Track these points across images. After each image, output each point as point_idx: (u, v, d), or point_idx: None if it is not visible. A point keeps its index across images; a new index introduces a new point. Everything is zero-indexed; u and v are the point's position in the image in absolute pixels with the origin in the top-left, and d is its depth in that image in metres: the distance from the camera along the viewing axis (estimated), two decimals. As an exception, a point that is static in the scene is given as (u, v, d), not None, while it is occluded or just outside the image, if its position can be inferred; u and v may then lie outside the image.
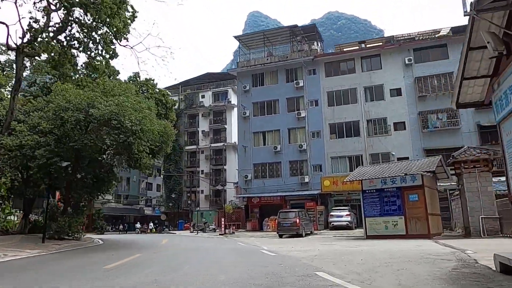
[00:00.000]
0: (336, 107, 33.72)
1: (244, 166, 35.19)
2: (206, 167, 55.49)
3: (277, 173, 34.31)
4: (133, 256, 11.53)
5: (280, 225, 23.22)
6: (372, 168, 20.09)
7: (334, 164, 32.79)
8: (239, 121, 36.69)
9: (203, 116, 56.83)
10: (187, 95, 58.74)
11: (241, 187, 34.85)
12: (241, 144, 35.72)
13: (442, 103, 30.57)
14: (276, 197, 32.99)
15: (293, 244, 15.08)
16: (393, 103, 32.05)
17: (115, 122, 14.94)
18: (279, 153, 34.24)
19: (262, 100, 36.11)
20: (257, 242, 17.85)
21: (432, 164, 17.41)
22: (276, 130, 35.05)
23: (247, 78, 36.95)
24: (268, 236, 24.57)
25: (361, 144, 32.08)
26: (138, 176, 66.01)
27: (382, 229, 17.86)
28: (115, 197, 60.68)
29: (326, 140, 33.29)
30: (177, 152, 56.55)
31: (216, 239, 23.58)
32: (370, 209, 18.37)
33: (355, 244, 14.23)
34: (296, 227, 22.62)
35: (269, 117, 35.61)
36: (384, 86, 32.64)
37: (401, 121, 31.59)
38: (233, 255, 11.08)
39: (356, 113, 32.88)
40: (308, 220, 25.07)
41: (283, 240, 19.92)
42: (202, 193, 54.81)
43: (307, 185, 32.79)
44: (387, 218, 17.77)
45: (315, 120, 33.89)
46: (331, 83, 34.20)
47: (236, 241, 19.77)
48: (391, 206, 17.85)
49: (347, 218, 26.96)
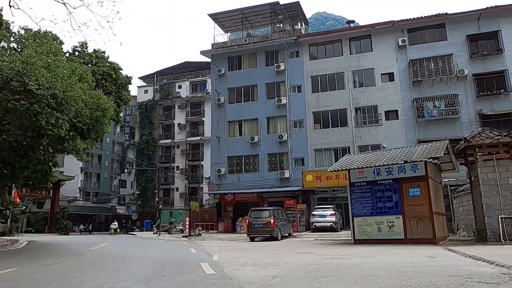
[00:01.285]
0: (321, 93, 30.02)
1: (217, 159, 31.21)
2: (182, 162, 51.32)
3: (254, 167, 30.44)
4: (8, 269, 7.55)
5: (251, 226, 19.36)
6: (363, 156, 16.34)
7: (318, 157, 29.06)
8: (213, 109, 32.68)
9: (180, 108, 52.67)
10: (162, 85, 54.46)
11: (214, 183, 30.86)
12: (214, 135, 31.72)
13: (439, 89, 27.16)
14: (253, 194, 29.12)
15: (256, 253, 11.19)
16: (384, 89, 28.50)
17: (17, 84, 10.83)
18: (256, 144, 30.37)
19: (239, 86, 32.20)
20: (215, 248, 13.92)
21: (438, 150, 13.74)
22: (254, 119, 31.17)
23: (223, 61, 32.98)
24: (239, 240, 20.67)
25: (348, 135, 28.43)
26: (110, 173, 61.48)
27: (374, 231, 14.12)
28: (83, 195, 56.02)
29: (309, 130, 29.55)
30: (151, 146, 52.32)
31: (171, 243, 19.53)
32: (360, 207, 14.63)
33: (341, 253, 10.42)
34: (270, 228, 18.79)
35: (246, 104, 31.72)
36: (374, 70, 29.07)
37: (393, 109, 28.06)
38: (144, 274, 7.10)
39: (343, 100, 29.24)
40: (285, 220, 21.27)
41: (249, 245, 16.00)
42: (177, 191, 50.64)
43: (287, 180, 28.99)
44: (381, 218, 14.05)
45: (298, 108, 30.13)
46: (315, 67, 30.49)
47: (190, 246, 15.77)
48: (386, 202, 14.13)
49: (331, 218, 23.23)
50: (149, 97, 54.60)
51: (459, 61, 27.03)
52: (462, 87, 26.71)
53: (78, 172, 54.76)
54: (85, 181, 55.98)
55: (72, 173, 51.87)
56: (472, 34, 27.24)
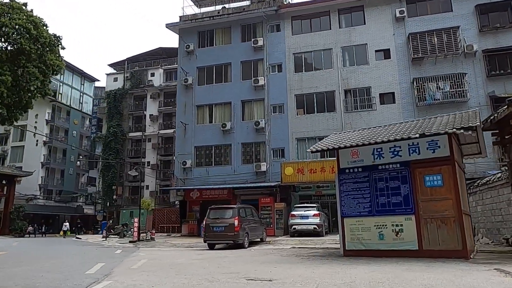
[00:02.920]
0: (305, 73, 25.61)
1: (182, 150, 26.49)
2: (153, 158, 46.35)
3: (225, 159, 25.83)
4: None
5: (209, 229, 14.79)
6: (357, 133, 11.86)
7: (300, 147, 24.61)
8: (179, 91, 27.93)
9: (152, 98, 47.68)
10: (133, 72, 49.45)
11: (178, 178, 26.12)
12: (179, 121, 26.98)
13: (443, 67, 23.01)
14: (223, 191, 24.52)
15: (186, 275, 6.61)
16: (379, 69, 24.24)
17: None
18: (229, 132, 25.77)
19: (210, 65, 27.55)
20: (141, 262, 9.28)
21: (469, 119, 9.39)
22: (227, 103, 26.56)
23: (192, 36, 28.30)
24: (197, 247, 16.06)
25: (336, 121, 24.06)
26: (77, 169, 56.04)
27: (373, 238, 9.69)
28: (44, 193, 50.53)
29: (291, 116, 25.10)
30: (119, 140, 47.21)
31: (96, 252, 14.65)
32: (352, 203, 10.19)
33: (323, 280, 5.90)
34: (233, 232, 14.25)
35: (218, 86, 27.10)
36: (367, 46, 24.80)
37: (389, 91, 23.81)
38: None
39: (331, 81, 24.88)
40: (256, 222, 16.71)
41: (198, 257, 11.36)
42: (147, 189, 45.65)
43: (264, 175, 24.47)
44: (384, 219, 9.63)
45: (278, 90, 25.67)
46: (299, 43, 26.06)
47: (113, 257, 11.07)
48: (390, 196, 9.71)
49: (314, 219, 18.75)
50: (119, 86, 49.53)
51: (466, 35, 22.94)
52: (471, 66, 22.62)
53: (38, 167, 49.38)
54: (46, 177, 50.51)
55: (32, 168, 46.52)
56: (482, 3, 23.20)
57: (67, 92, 55.37)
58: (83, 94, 58.71)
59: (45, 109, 51.27)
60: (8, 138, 52.20)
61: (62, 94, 54.24)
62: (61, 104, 53.50)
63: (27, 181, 46.69)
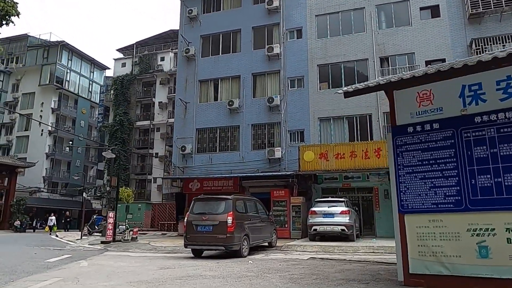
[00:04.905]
0: (330, 39, 20.82)
1: (182, 133, 22.19)
2: (162, 149, 42.43)
3: (232, 143, 21.35)
4: None
5: (191, 229, 10.36)
6: (425, 69, 7.09)
7: (324, 129, 19.87)
8: (179, 64, 23.65)
9: (161, 84, 43.79)
10: (142, 57, 45.76)
11: (176, 166, 21.83)
12: (179, 98, 22.67)
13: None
14: (228, 181, 20.09)
15: None
16: (424, 30, 19.18)
17: None
18: (237, 112, 21.30)
19: (216, 32, 23.12)
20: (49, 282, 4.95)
21: None
22: (235, 76, 22.08)
23: (197, 0, 23.95)
24: (182, 252, 11.71)
25: (369, 96, 19.13)
26: (85, 161, 52.97)
27: (465, 254, 4.94)
28: (49, 185, 47.56)
29: (312, 91, 20.38)
30: (126, 129, 43.54)
31: (20, 252, 10.41)
32: (421, 188, 5.48)
33: None
34: (224, 234, 9.81)
35: (225, 57, 22.63)
36: (409, 3, 19.78)
37: (438, 58, 18.67)
38: None
39: (362, 47, 20.02)
40: (262, 220, 12.14)
41: (153, 276, 6.89)
42: (155, 183, 41.80)
43: (278, 163, 19.85)
44: (487, 218, 4.90)
45: (296, 60, 21.00)
46: (323, 2, 21.29)
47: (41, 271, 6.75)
48: (502, 175, 4.97)
49: (343, 218, 14.02)
50: (127, 72, 45.97)
51: (543, -18, 17.60)
52: (550, 21, 17.30)
53: (43, 158, 46.47)
54: (51, 169, 47.54)
55: (37, 159, 43.58)
56: None
57: (75, 80, 52.29)
58: (93, 82, 55.58)
59: (51, 97, 48.38)
60: (14, 127, 49.58)
61: (70, 81, 51.16)
62: (68, 92, 50.43)
63: (31, 173, 43.82)
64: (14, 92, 50.41)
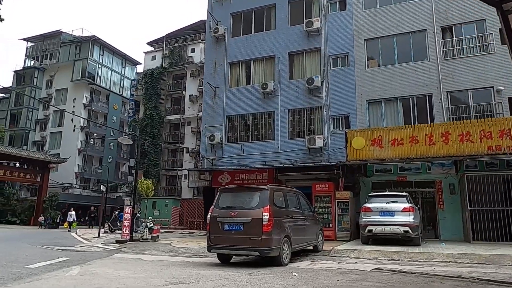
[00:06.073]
0: (380, 8, 17.91)
1: (210, 121, 20.00)
2: (192, 143, 40.69)
3: (266, 131, 18.91)
4: None
5: (216, 227, 7.98)
6: None
7: (373, 114, 17.02)
8: (208, 45, 21.50)
9: (192, 76, 42.04)
10: (172, 49, 44.30)
11: (205, 157, 19.65)
12: (206, 82, 20.49)
13: None
14: (263, 174, 17.63)
15: None
16: (498, -8, 15.84)
17: None
18: (271, 96, 18.82)
19: (248, 9, 20.75)
20: None
21: None
22: (269, 57, 19.62)
23: (226, -25, 21.70)
24: (207, 256, 9.42)
25: (429, 73, 16.13)
26: (117, 157, 52.38)
27: None
28: (81, 181, 47.18)
29: (359, 70, 17.56)
30: (156, 123, 42.17)
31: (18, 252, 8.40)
32: None
33: None
34: (259, 235, 7.32)
35: (258, 36, 20.20)
36: (478, -39, 16.49)
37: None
38: None
39: (420, 16, 16.98)
40: (307, 218, 9.58)
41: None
42: (185, 179, 40.10)
43: (319, 152, 17.18)
44: None
45: (340, 35, 18.24)
46: (371, -33, 18.40)
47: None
48: None
49: (405, 217, 11.21)
50: (158, 65, 44.67)
51: None
52: None
53: (75, 154, 46.15)
54: (83, 165, 47.16)
55: (69, 155, 43.27)
56: None
57: (106, 75, 51.81)
58: (124, 77, 54.97)
59: (83, 93, 48.05)
60: (47, 123, 49.69)
61: (101, 77, 50.70)
62: (100, 87, 49.95)
63: (63, 169, 43.57)
64: (48, 89, 50.62)
